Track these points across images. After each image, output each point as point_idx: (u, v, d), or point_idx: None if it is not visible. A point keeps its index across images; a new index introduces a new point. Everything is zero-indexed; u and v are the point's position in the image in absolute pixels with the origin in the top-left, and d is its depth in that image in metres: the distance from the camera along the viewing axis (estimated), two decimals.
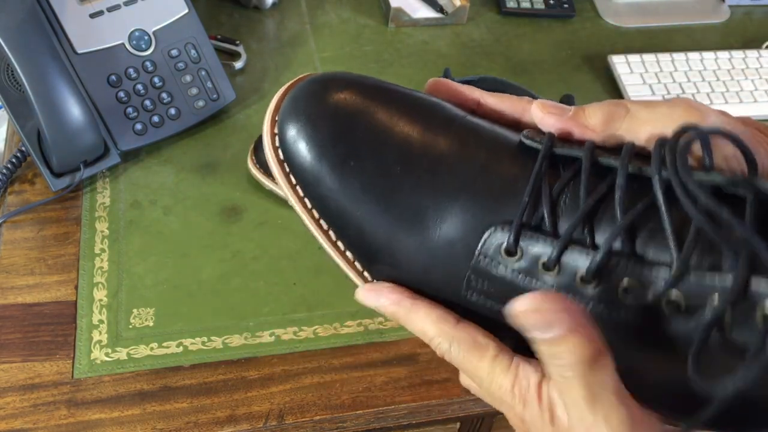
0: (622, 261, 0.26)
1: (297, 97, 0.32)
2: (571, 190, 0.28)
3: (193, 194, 0.68)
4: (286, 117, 0.32)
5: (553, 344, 0.26)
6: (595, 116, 0.29)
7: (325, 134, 0.31)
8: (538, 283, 0.28)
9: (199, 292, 0.61)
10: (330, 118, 0.31)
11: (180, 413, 0.53)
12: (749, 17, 0.99)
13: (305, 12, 0.90)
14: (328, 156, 0.31)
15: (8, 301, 0.58)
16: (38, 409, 0.52)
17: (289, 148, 0.32)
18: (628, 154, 0.27)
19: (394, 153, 0.31)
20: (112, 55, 0.68)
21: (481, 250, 0.29)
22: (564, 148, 0.29)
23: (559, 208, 0.28)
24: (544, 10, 0.94)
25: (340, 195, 0.31)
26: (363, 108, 0.32)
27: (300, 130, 0.31)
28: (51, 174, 0.65)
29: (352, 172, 0.31)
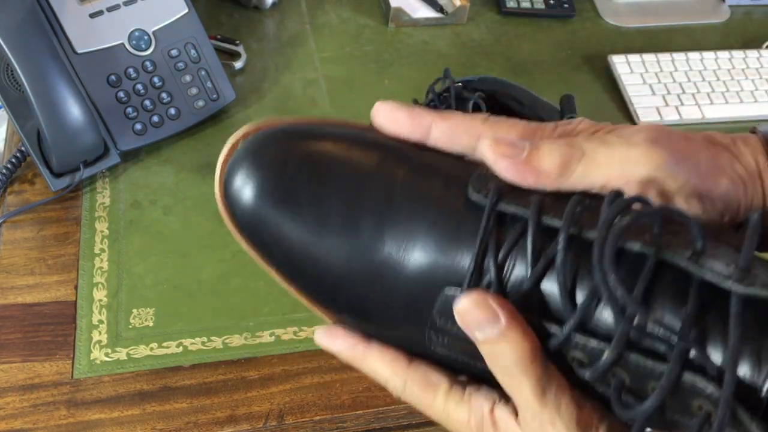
0: (572, 334, 0.27)
1: (242, 149, 0.33)
2: (519, 253, 0.28)
3: (193, 194, 0.68)
4: (232, 172, 0.33)
5: (495, 343, 0.26)
6: (550, 160, 0.28)
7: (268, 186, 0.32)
8: None
9: (199, 292, 0.61)
10: (273, 170, 0.32)
11: (180, 413, 0.53)
12: (749, 17, 0.99)
13: (305, 12, 0.90)
14: (272, 207, 0.32)
15: (8, 301, 0.58)
16: (38, 409, 0.52)
17: (234, 201, 0.33)
18: (570, 217, 0.27)
19: (339, 208, 0.31)
20: (111, 55, 0.68)
21: (436, 310, 0.29)
22: (510, 206, 0.29)
23: (507, 271, 0.28)
24: (544, 10, 0.94)
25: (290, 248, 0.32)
26: (306, 157, 0.32)
27: (244, 184, 0.32)
28: (51, 174, 0.65)
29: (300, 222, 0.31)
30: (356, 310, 0.32)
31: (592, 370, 0.26)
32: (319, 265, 0.32)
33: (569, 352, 0.27)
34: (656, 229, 0.26)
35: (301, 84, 0.80)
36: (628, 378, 0.26)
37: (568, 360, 0.27)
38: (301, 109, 0.78)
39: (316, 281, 0.33)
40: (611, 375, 0.26)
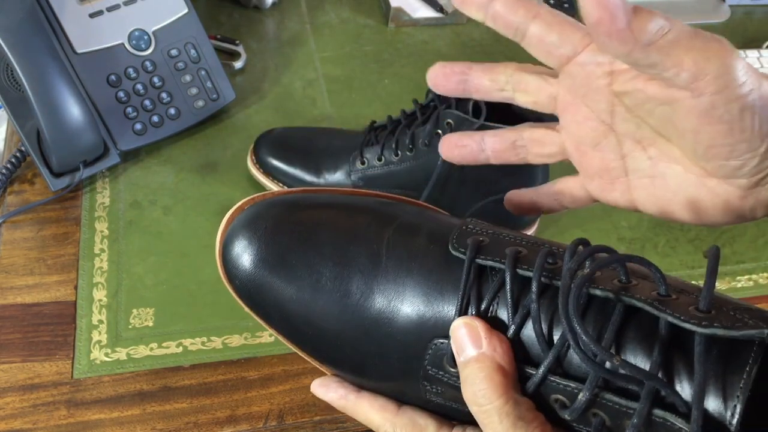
0: (551, 377, 0.28)
1: (237, 224, 0.35)
2: (499, 302, 0.30)
3: (193, 194, 0.68)
4: (229, 242, 0.35)
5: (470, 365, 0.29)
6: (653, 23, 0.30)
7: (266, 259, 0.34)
8: None
9: (199, 292, 0.61)
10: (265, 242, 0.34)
11: (180, 413, 0.53)
12: (749, 17, 0.99)
13: (305, 12, 0.90)
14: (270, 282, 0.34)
15: (8, 301, 0.58)
16: (38, 410, 0.52)
17: (233, 272, 0.35)
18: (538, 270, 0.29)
19: (330, 272, 0.33)
20: (111, 55, 0.68)
21: (428, 360, 0.31)
22: (487, 260, 0.31)
23: (489, 321, 0.30)
24: None
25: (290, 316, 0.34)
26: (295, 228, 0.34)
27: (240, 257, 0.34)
28: (50, 174, 0.65)
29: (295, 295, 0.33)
30: (353, 366, 0.34)
31: (570, 411, 0.28)
32: (314, 325, 0.34)
33: (551, 394, 0.29)
34: (622, 276, 0.28)
35: (301, 84, 0.80)
36: (607, 418, 0.27)
37: (551, 402, 0.29)
38: (301, 109, 0.78)
39: (313, 340, 0.35)
40: (591, 415, 0.28)
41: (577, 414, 0.27)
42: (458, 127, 0.59)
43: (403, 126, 0.63)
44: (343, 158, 0.64)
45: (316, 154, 0.66)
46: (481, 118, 0.58)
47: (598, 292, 0.27)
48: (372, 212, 0.35)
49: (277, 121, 0.75)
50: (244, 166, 0.69)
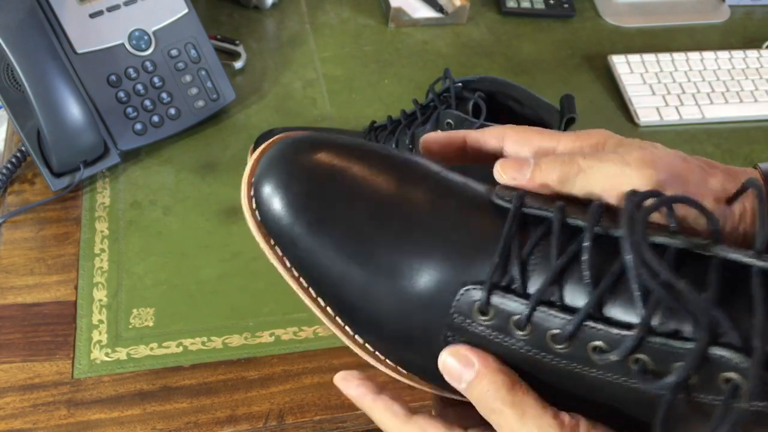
0: (592, 323, 0.27)
1: (271, 159, 0.34)
2: (542, 250, 0.29)
3: (193, 194, 0.68)
4: (261, 179, 0.34)
5: (475, 387, 0.29)
6: (550, 176, 0.31)
7: (299, 195, 0.32)
8: (511, 340, 0.29)
9: (199, 292, 0.61)
10: (303, 179, 0.33)
11: (180, 413, 0.53)
12: (749, 17, 0.99)
13: (305, 12, 0.90)
14: (301, 217, 0.32)
15: (8, 301, 0.58)
16: (38, 409, 0.52)
17: (264, 210, 0.33)
18: (594, 216, 0.28)
19: (365, 212, 0.32)
20: (111, 55, 0.68)
21: (455, 308, 0.30)
22: (533, 208, 0.30)
23: (530, 267, 0.29)
24: (544, 10, 0.94)
25: (315, 254, 0.32)
26: (335, 169, 0.33)
27: (274, 192, 0.33)
28: (51, 174, 0.65)
29: (326, 232, 0.32)
30: (372, 316, 0.33)
31: (618, 351, 0.26)
32: (340, 269, 0.32)
33: (589, 341, 0.27)
34: (673, 223, 0.27)
35: (301, 84, 0.80)
36: (650, 361, 0.26)
37: (588, 350, 0.28)
38: (301, 109, 0.78)
39: (334, 287, 0.33)
40: (632, 361, 0.27)
41: (624, 353, 0.26)
42: (458, 127, 0.59)
43: (403, 126, 0.63)
44: None
45: None
46: (481, 118, 0.58)
47: (658, 239, 0.27)
48: (408, 162, 0.34)
49: (277, 121, 0.75)
50: (244, 166, 0.69)
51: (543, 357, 0.29)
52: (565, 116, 0.58)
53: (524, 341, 0.29)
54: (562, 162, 0.31)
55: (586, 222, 0.28)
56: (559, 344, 0.28)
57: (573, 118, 0.58)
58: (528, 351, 0.29)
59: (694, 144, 0.80)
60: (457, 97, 0.60)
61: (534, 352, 0.29)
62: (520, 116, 0.62)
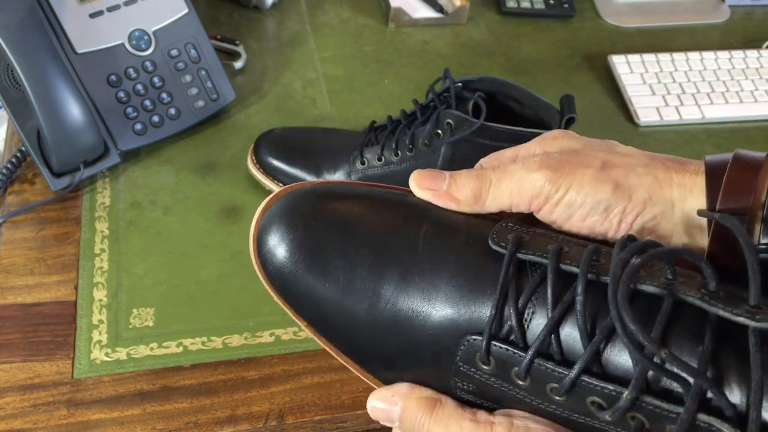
0: (589, 379, 0.28)
1: (273, 212, 0.35)
2: (538, 299, 0.29)
3: (193, 194, 0.68)
4: (263, 233, 0.34)
5: (405, 420, 0.31)
6: (464, 191, 0.34)
7: (298, 247, 0.33)
8: (515, 389, 0.30)
9: (199, 292, 0.61)
10: (302, 231, 0.33)
11: (180, 413, 0.53)
12: (749, 17, 0.99)
13: (305, 12, 0.90)
14: (302, 267, 0.33)
15: (8, 301, 0.58)
16: (38, 409, 0.52)
17: (267, 262, 0.34)
18: (587, 262, 0.28)
19: (367, 260, 0.33)
20: (112, 55, 0.68)
21: (460, 357, 0.31)
22: (528, 254, 0.30)
23: (526, 317, 0.30)
24: (544, 10, 0.94)
25: (321, 304, 0.33)
26: (334, 218, 0.34)
27: (275, 245, 0.34)
28: (51, 174, 0.65)
29: (328, 281, 0.33)
30: (381, 358, 0.33)
31: (612, 411, 0.27)
32: (346, 317, 0.33)
33: (587, 396, 0.28)
34: (669, 273, 0.27)
35: (301, 84, 0.80)
36: (646, 421, 0.27)
37: (587, 405, 0.28)
38: (301, 109, 0.78)
39: (343, 332, 0.34)
40: (630, 418, 0.27)
41: (618, 415, 0.27)
42: (458, 127, 0.59)
43: (403, 126, 0.64)
44: (343, 158, 0.64)
45: (316, 154, 0.66)
46: (481, 118, 0.58)
47: (646, 287, 0.27)
48: (408, 206, 0.35)
49: (277, 121, 0.75)
50: (244, 166, 0.69)
51: (546, 406, 0.29)
52: (565, 116, 0.58)
53: (526, 391, 0.29)
54: (475, 176, 0.34)
55: (579, 269, 0.28)
56: (560, 396, 0.28)
57: (573, 118, 0.58)
58: (531, 400, 0.30)
59: (694, 144, 0.80)
60: (457, 97, 0.60)
61: (537, 401, 0.29)
62: (520, 116, 0.62)
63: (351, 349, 0.34)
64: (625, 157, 0.33)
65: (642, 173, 0.32)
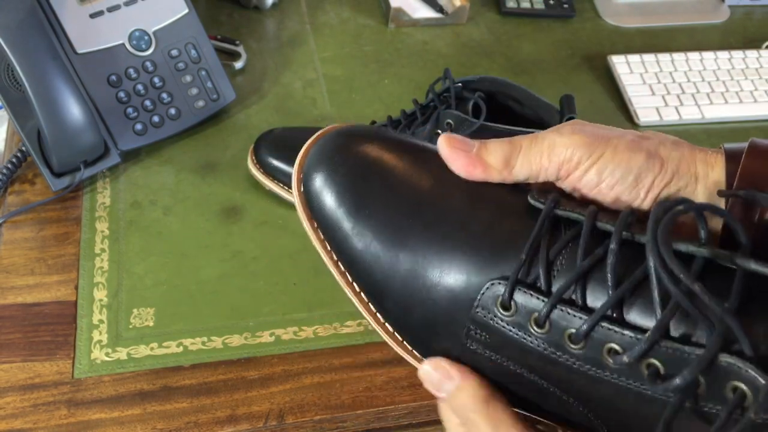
0: (609, 325, 0.28)
1: (322, 147, 0.35)
2: (569, 252, 0.30)
3: (193, 194, 0.68)
4: (312, 166, 0.35)
5: (455, 398, 0.32)
6: (495, 156, 0.33)
7: (345, 182, 0.34)
8: (529, 337, 0.30)
9: (199, 292, 0.61)
10: (350, 169, 0.34)
11: (180, 413, 0.53)
12: (749, 17, 0.99)
13: (305, 12, 0.90)
14: (345, 203, 0.34)
15: (8, 301, 0.58)
16: (38, 409, 0.52)
17: (311, 193, 0.35)
18: (623, 221, 0.29)
19: (405, 203, 0.33)
20: (112, 55, 0.68)
21: (479, 302, 0.31)
22: (566, 211, 0.31)
23: (555, 268, 0.30)
24: (544, 10, 0.94)
25: (355, 240, 0.34)
26: (382, 159, 0.35)
27: (323, 179, 0.35)
28: (51, 174, 0.65)
29: (366, 220, 0.34)
30: (399, 303, 0.34)
31: (629, 353, 0.27)
32: (374, 264, 0.34)
33: (605, 342, 0.28)
34: (703, 231, 0.28)
35: (301, 84, 0.80)
36: (662, 366, 0.27)
37: (603, 352, 0.28)
38: (301, 109, 0.78)
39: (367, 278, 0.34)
40: (645, 365, 0.27)
41: (636, 356, 0.27)
42: (458, 127, 0.59)
43: (403, 126, 0.64)
44: None
45: None
46: (481, 118, 0.58)
47: (684, 246, 0.27)
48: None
49: (277, 121, 0.76)
50: (244, 166, 0.69)
51: (558, 356, 0.29)
52: (565, 116, 0.58)
53: (542, 339, 0.30)
54: (507, 142, 0.34)
55: (614, 227, 0.29)
56: (575, 344, 0.29)
57: (573, 118, 0.58)
58: (544, 349, 0.30)
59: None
60: (457, 97, 0.60)
61: (550, 351, 0.29)
62: (520, 116, 0.62)
63: (372, 290, 0.35)
64: (653, 134, 0.34)
65: (671, 147, 0.33)
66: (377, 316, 0.35)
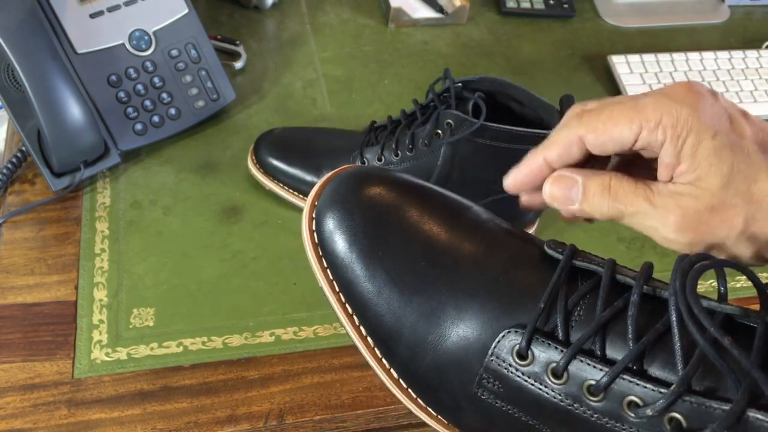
0: (630, 378, 0.27)
1: (336, 188, 0.35)
2: (587, 303, 0.29)
3: (193, 194, 0.68)
4: (325, 205, 0.35)
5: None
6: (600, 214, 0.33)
7: (359, 225, 0.34)
8: (546, 389, 0.29)
9: (199, 292, 0.61)
10: (364, 211, 0.34)
11: (180, 413, 0.53)
12: (749, 17, 0.99)
13: (305, 12, 0.90)
14: (358, 245, 0.33)
15: (8, 301, 0.58)
16: (38, 409, 0.52)
17: (323, 234, 0.34)
18: (644, 274, 0.29)
19: (420, 249, 0.33)
20: (112, 55, 0.68)
21: (494, 350, 0.30)
22: (584, 262, 0.31)
23: (573, 318, 0.29)
24: (544, 10, 0.94)
25: (366, 283, 0.33)
26: (396, 204, 0.34)
27: (336, 219, 0.34)
28: (51, 174, 0.65)
29: (380, 263, 0.33)
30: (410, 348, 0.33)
31: (652, 407, 0.27)
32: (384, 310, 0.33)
33: (626, 395, 0.28)
34: (722, 287, 0.28)
35: (301, 84, 0.80)
36: (684, 420, 0.26)
37: (623, 405, 0.28)
38: (301, 109, 0.78)
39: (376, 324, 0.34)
40: (667, 420, 0.27)
41: (658, 410, 0.26)
42: (458, 127, 0.59)
43: (403, 126, 0.64)
44: (343, 158, 0.64)
45: (316, 154, 0.66)
46: (481, 119, 0.58)
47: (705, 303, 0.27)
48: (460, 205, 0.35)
49: (277, 121, 0.76)
50: (244, 166, 0.69)
51: (576, 408, 0.29)
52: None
53: (558, 390, 0.29)
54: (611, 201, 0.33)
55: (635, 280, 0.29)
56: (595, 396, 0.28)
57: None
58: (561, 401, 0.29)
59: None
60: (457, 97, 0.60)
61: (567, 402, 0.29)
62: (520, 116, 0.62)
63: (380, 336, 0.34)
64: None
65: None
66: (383, 362, 0.35)
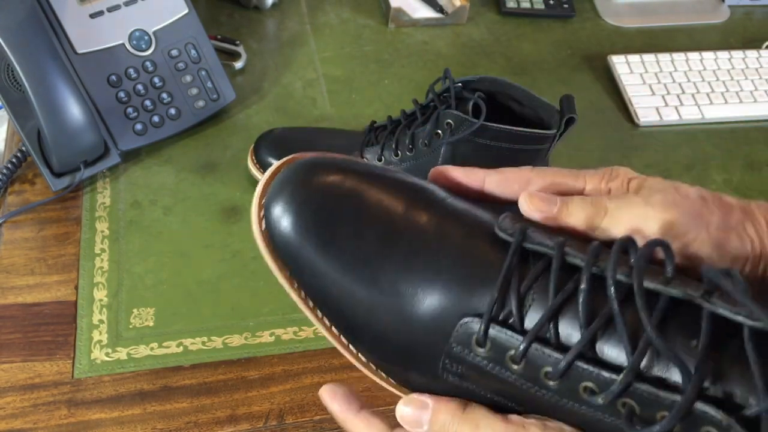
0: (584, 364, 0.28)
1: (283, 180, 0.34)
2: (540, 286, 0.30)
3: (193, 194, 0.68)
4: (272, 199, 0.34)
5: (435, 422, 0.32)
6: (577, 217, 0.32)
7: (308, 217, 0.33)
8: (506, 372, 0.30)
9: (199, 292, 0.61)
10: (314, 202, 0.33)
11: (180, 413, 0.53)
12: (749, 17, 0.99)
13: (305, 12, 0.90)
14: (310, 237, 0.33)
15: (8, 301, 0.58)
16: (38, 409, 0.52)
17: (275, 231, 0.34)
18: (593, 256, 0.29)
19: (373, 236, 0.33)
20: (112, 55, 0.68)
21: (454, 338, 0.31)
22: (534, 244, 0.30)
23: (527, 303, 0.30)
24: (544, 10, 0.94)
25: (323, 275, 0.33)
26: (346, 192, 0.34)
27: (284, 212, 0.33)
28: (51, 174, 0.65)
29: (334, 254, 0.33)
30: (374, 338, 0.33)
31: (604, 395, 0.27)
32: (345, 292, 0.33)
33: (580, 381, 0.28)
34: (669, 271, 0.28)
35: (301, 84, 0.80)
36: (638, 407, 0.27)
37: (579, 390, 0.28)
38: (301, 109, 0.78)
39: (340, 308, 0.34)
40: (621, 404, 0.27)
41: (610, 398, 0.27)
42: (458, 127, 0.59)
43: (403, 126, 0.64)
44: None
45: None
46: (480, 119, 0.58)
47: (651, 285, 0.27)
48: (415, 188, 0.35)
49: (277, 121, 0.76)
50: (244, 166, 0.69)
51: (536, 391, 0.29)
52: (564, 116, 0.58)
53: (519, 374, 0.30)
54: (590, 203, 0.32)
55: (584, 261, 0.29)
56: (552, 381, 0.29)
57: (573, 118, 0.58)
58: (522, 384, 0.30)
59: (694, 144, 0.80)
60: (457, 97, 0.60)
61: (528, 385, 0.30)
62: (520, 116, 0.62)
63: (344, 325, 0.34)
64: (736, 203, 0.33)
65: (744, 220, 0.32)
66: (350, 348, 0.35)
